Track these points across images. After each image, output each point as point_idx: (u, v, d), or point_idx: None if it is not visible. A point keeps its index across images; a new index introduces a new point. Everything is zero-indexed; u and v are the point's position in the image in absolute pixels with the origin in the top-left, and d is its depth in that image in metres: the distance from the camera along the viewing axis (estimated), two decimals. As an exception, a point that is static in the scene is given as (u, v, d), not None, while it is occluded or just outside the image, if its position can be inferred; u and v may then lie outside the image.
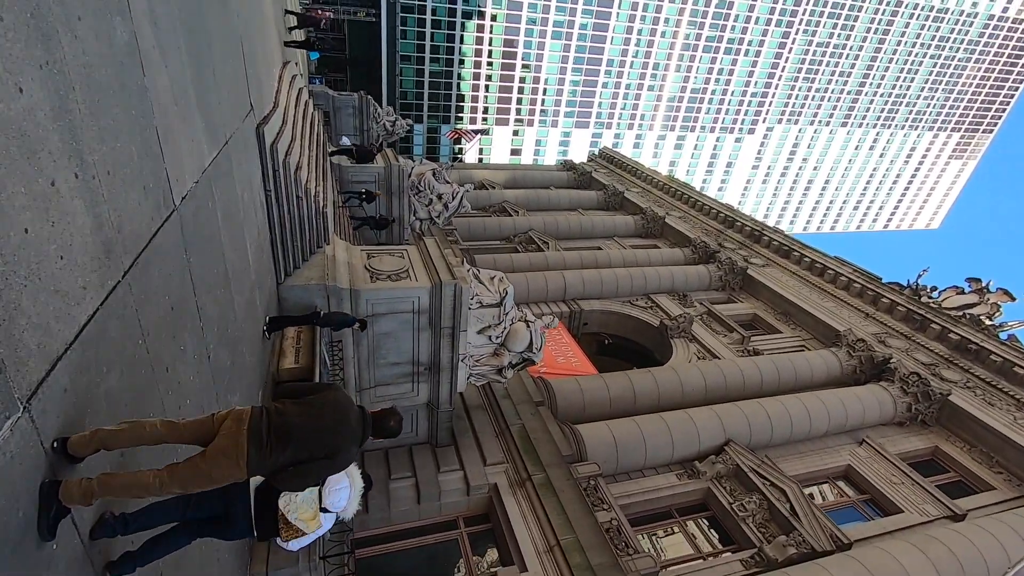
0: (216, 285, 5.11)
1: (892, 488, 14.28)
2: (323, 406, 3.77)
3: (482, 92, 70.71)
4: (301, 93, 14.94)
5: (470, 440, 12.31)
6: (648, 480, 13.47)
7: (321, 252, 10.63)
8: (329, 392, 3.92)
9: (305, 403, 3.75)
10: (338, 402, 3.84)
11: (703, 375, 16.50)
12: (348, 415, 3.86)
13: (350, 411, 3.89)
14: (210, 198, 5.09)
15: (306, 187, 9.98)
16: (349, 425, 3.85)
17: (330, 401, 3.84)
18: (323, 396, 3.86)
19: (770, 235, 26.42)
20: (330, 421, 3.72)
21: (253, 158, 7.57)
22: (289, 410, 3.62)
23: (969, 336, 18.10)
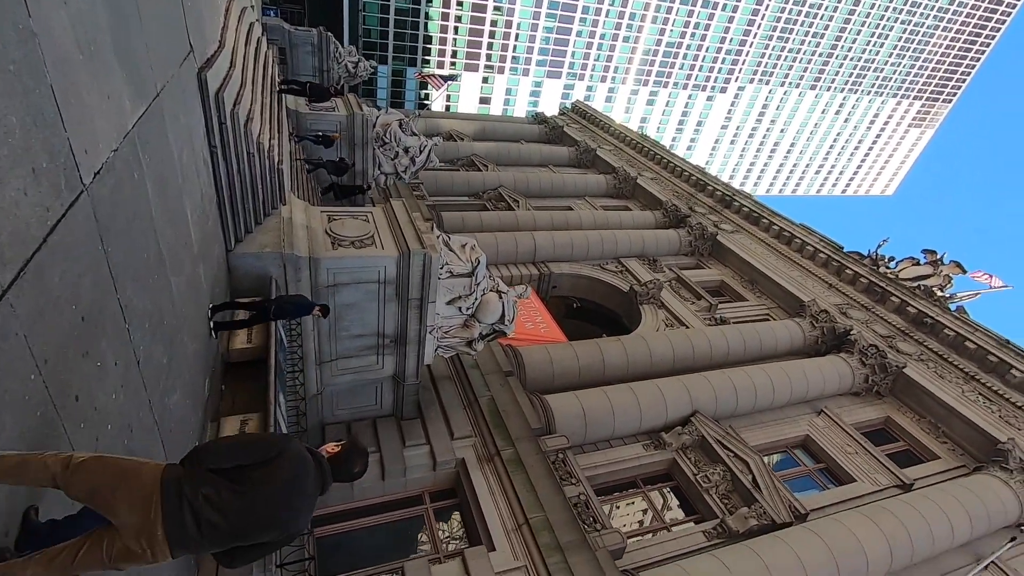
0: (146, 272, 4.30)
1: (847, 458, 14.75)
2: (272, 485, 3.06)
3: (451, 35, 66.98)
4: (253, 28, 13.40)
5: (437, 413, 11.89)
6: (615, 451, 13.46)
7: (276, 214, 9.68)
8: (281, 459, 3.14)
9: (247, 488, 3.00)
10: (293, 471, 3.14)
11: (672, 344, 16.45)
12: (304, 482, 3.21)
13: (306, 476, 3.22)
14: (136, 167, 4.20)
15: (259, 141, 8.92)
16: (306, 494, 3.24)
17: (283, 474, 3.11)
18: (272, 469, 3.09)
19: (740, 201, 26.31)
20: (282, 501, 3.08)
21: (194, 110, 6.53)
22: (224, 502, 2.89)
23: (925, 310, 18.58)
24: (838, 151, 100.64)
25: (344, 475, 3.49)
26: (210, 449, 3.09)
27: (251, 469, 3.06)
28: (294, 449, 3.23)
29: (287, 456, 3.16)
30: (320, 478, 3.33)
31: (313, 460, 3.31)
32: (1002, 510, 13.01)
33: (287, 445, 3.23)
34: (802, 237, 23.20)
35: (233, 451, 3.12)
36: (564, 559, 9.22)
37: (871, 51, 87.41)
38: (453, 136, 32.93)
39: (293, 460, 3.18)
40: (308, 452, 3.32)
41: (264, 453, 3.13)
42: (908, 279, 22.43)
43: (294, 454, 3.20)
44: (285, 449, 3.17)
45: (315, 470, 3.29)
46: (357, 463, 3.52)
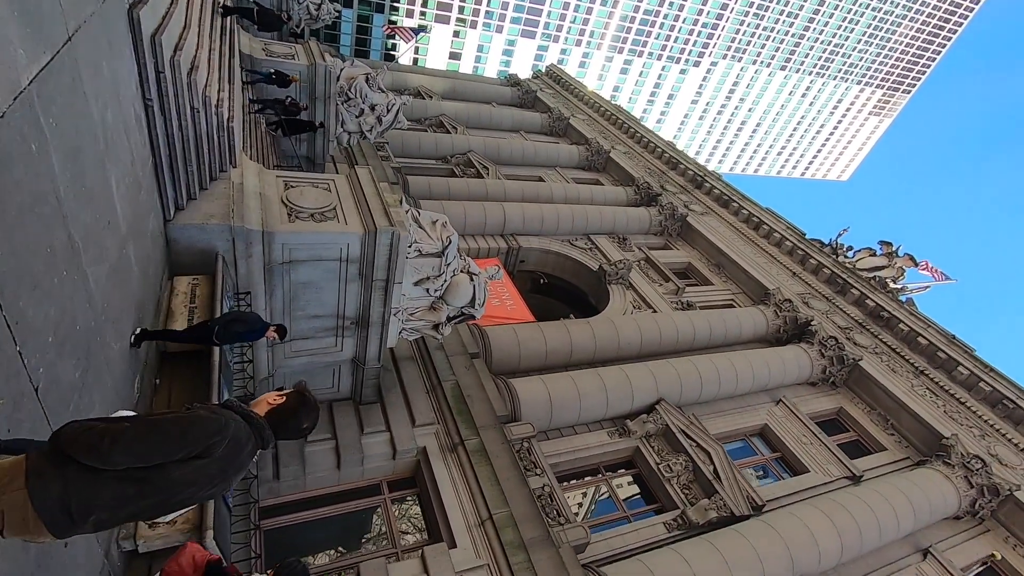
0: (50, 271, 3.40)
1: (801, 448, 15.03)
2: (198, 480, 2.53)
3: (422, -18, 63.15)
4: (202, -42, 11.78)
5: (398, 397, 11.25)
6: (579, 438, 13.22)
7: (225, 178, 8.58)
8: (216, 449, 2.56)
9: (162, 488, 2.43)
10: (227, 458, 2.60)
11: (640, 329, 16.22)
12: (237, 460, 2.69)
13: (240, 452, 2.70)
14: (34, 136, 3.26)
15: (205, 93, 7.77)
16: (238, 469, 2.75)
17: (213, 466, 2.57)
18: (202, 464, 2.53)
19: (712, 182, 26.12)
20: (204, 486, 2.58)
21: (122, 56, 5.42)
22: (126, 503, 2.34)
23: (883, 304, 18.98)
24: (800, 134, 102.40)
25: (288, 433, 2.99)
26: (126, 442, 2.33)
27: (175, 465, 2.45)
28: (232, 432, 2.64)
29: (224, 443, 2.59)
30: (258, 442, 2.83)
31: (250, 428, 2.78)
32: (943, 503, 13.57)
33: (226, 431, 2.61)
34: (770, 223, 23.25)
35: (156, 447, 2.41)
36: (528, 558, 8.92)
37: (841, 36, 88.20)
38: (421, 93, 31.26)
39: (230, 446, 2.63)
40: (245, 419, 2.78)
41: (198, 445, 2.50)
42: (865, 269, 22.94)
43: (232, 439, 2.63)
44: (223, 435, 2.58)
45: (251, 440, 2.78)
46: (305, 418, 3.00)
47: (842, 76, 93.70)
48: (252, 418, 2.83)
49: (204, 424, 2.54)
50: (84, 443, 2.28)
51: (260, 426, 2.84)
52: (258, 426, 2.83)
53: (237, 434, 2.66)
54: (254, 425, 2.81)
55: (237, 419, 2.73)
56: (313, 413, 3.03)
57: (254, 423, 2.82)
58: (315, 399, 3.09)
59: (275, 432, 2.92)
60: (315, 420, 3.06)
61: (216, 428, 2.58)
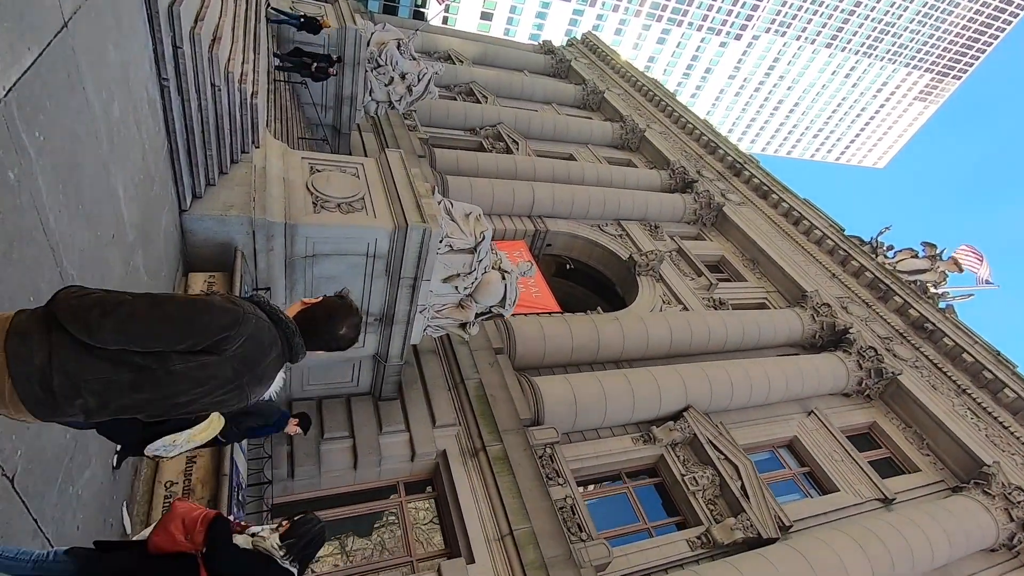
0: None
1: (831, 464, 14.40)
2: (209, 380, 2.11)
3: (457, -65, 60.10)
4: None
5: (419, 394, 10.76)
6: (603, 443, 12.70)
7: (247, 161, 7.90)
8: (229, 344, 2.14)
9: (163, 384, 2.04)
10: (244, 359, 2.16)
11: (671, 328, 15.49)
12: (258, 367, 2.24)
13: (262, 359, 2.25)
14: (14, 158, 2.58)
15: (228, 68, 7.01)
16: (261, 380, 2.29)
17: (227, 367, 2.14)
18: (211, 361, 2.11)
19: (751, 170, 24.84)
20: (217, 393, 2.15)
21: (133, 35, 4.70)
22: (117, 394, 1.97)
23: (927, 315, 17.98)
24: (840, 116, 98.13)
25: (323, 340, 2.49)
26: (119, 317, 1.95)
27: (178, 357, 2.05)
28: (250, 328, 2.19)
29: (239, 340, 2.15)
30: (285, 351, 2.36)
31: (276, 330, 2.32)
32: (980, 535, 12.94)
33: (242, 324, 2.16)
34: (810, 219, 22.09)
35: (154, 330, 2.01)
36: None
37: (893, 14, 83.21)
38: (452, 57, 29.98)
39: (247, 346, 2.18)
40: (270, 318, 2.32)
41: (206, 336, 2.07)
42: (905, 271, 21.83)
43: (251, 337, 2.19)
44: (238, 331, 2.14)
45: (277, 345, 2.32)
46: (343, 321, 2.50)
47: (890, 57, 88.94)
48: (280, 319, 2.34)
49: (217, 313, 2.11)
50: (72, 309, 1.92)
51: (290, 330, 2.34)
52: (288, 330, 2.33)
53: (258, 334, 2.21)
54: (282, 327, 2.32)
55: (260, 316, 2.27)
56: (354, 318, 2.52)
57: (282, 325, 2.32)
58: (353, 302, 2.60)
59: (306, 339, 2.40)
60: (356, 328, 2.54)
61: (231, 320, 2.12)
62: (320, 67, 14.06)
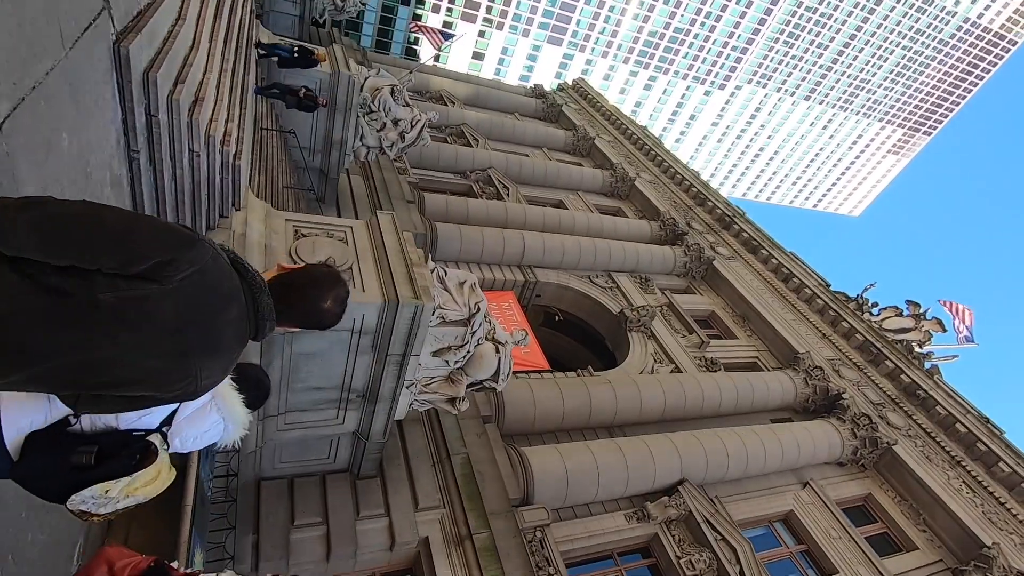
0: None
1: (829, 542, 13.78)
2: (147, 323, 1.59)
3: (452, -23, 61.41)
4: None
5: (401, 471, 9.93)
6: (595, 521, 11.92)
7: (225, 227, 7.24)
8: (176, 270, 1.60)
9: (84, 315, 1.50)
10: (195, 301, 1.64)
11: (664, 392, 14.94)
12: (214, 323, 1.71)
13: (220, 312, 1.73)
14: None
15: (209, 132, 6.42)
16: (218, 348, 1.76)
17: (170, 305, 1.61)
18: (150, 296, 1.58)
19: (740, 224, 24.86)
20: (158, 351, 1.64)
21: (97, 111, 4.09)
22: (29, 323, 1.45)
23: (919, 382, 17.75)
24: (817, 166, 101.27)
25: (300, 310, 2.01)
26: (39, 213, 1.50)
27: (106, 281, 1.51)
28: (204, 258, 1.68)
29: (187, 268, 1.62)
30: (250, 315, 1.83)
31: (242, 282, 1.81)
32: (985, 627, 12.34)
33: (195, 249, 1.66)
34: (799, 276, 22.01)
35: (82, 236, 1.50)
36: None
37: (869, 71, 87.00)
38: (443, 98, 29.91)
39: (197, 279, 1.65)
40: (234, 266, 1.82)
41: (145, 253, 1.55)
42: (890, 330, 21.76)
43: (204, 268, 1.67)
44: (188, 256, 1.63)
45: (240, 303, 1.79)
46: (328, 293, 2.02)
47: (865, 112, 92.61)
48: (248, 271, 1.83)
49: (164, 230, 1.65)
50: None
51: (258, 286, 1.83)
52: (256, 284, 1.83)
53: (215, 273, 1.70)
54: (248, 280, 1.82)
55: (221, 256, 1.78)
56: (341, 290, 2.03)
57: (249, 278, 1.82)
58: (339, 273, 2.10)
59: (280, 310, 1.90)
60: (343, 303, 2.05)
61: (181, 239, 1.64)
62: (309, 94, 13.38)
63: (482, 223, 19.83)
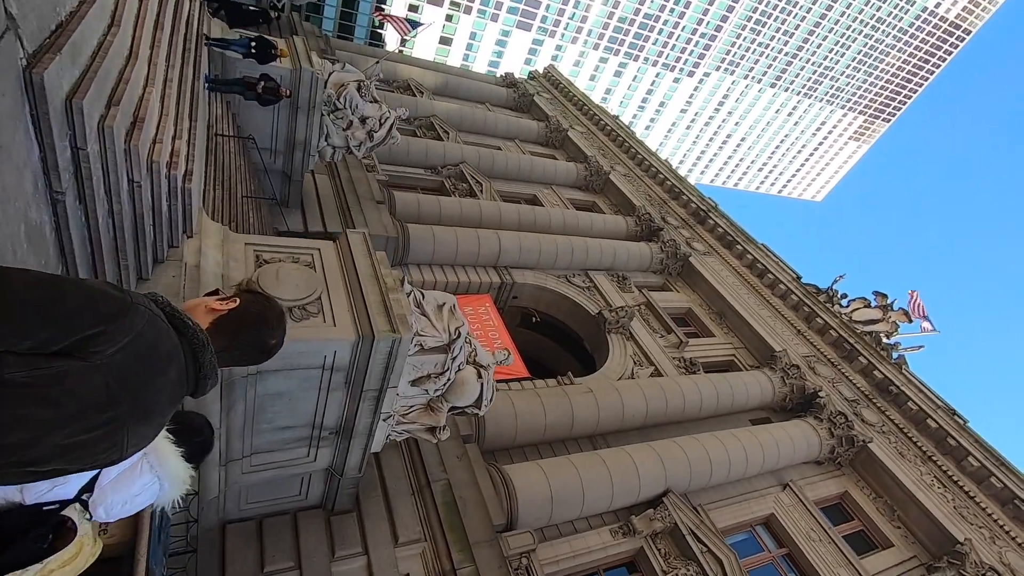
0: None
1: (810, 545, 13.85)
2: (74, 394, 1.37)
3: (418, -42, 59.24)
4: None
5: (378, 504, 9.37)
6: (580, 539, 11.61)
7: (177, 256, 6.47)
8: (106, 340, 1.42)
9: None
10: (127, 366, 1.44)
11: (646, 398, 14.68)
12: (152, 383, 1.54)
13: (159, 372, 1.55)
14: None
15: (152, 157, 5.63)
16: (154, 408, 1.58)
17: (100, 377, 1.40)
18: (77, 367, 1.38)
19: (715, 218, 24.76)
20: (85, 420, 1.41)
21: (11, 150, 3.38)
22: None
23: (891, 378, 17.97)
24: (782, 152, 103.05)
25: (243, 352, 1.89)
26: None
27: (18, 361, 1.29)
28: (139, 324, 1.49)
29: (120, 339, 1.43)
30: (191, 368, 1.68)
31: (180, 340, 1.64)
32: (960, 625, 12.57)
33: (128, 316, 1.46)
34: (774, 272, 22.06)
35: None
36: None
37: (832, 59, 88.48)
38: (412, 88, 28.83)
39: (133, 351, 1.46)
40: (171, 322, 1.64)
41: (69, 328, 1.36)
42: (859, 321, 22.12)
43: (138, 334, 1.47)
44: (120, 325, 1.44)
45: (179, 358, 1.62)
46: (275, 331, 1.92)
47: (828, 99, 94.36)
48: (187, 325, 1.68)
49: (91, 297, 1.44)
50: None
51: (199, 341, 1.69)
52: (197, 340, 1.68)
53: (152, 337, 1.53)
54: (189, 336, 1.67)
55: (157, 314, 1.61)
56: (282, 322, 1.95)
57: (189, 333, 1.67)
58: (274, 302, 2.00)
59: (222, 353, 1.78)
60: (283, 333, 1.96)
61: (113, 309, 1.45)
62: (269, 86, 12.29)
63: (456, 223, 19.14)
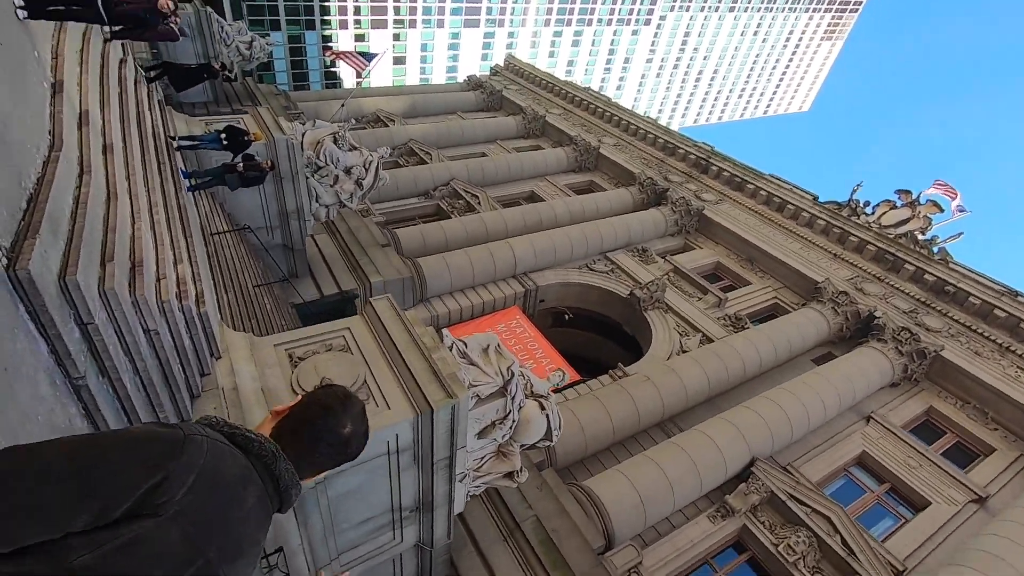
0: None
1: (911, 473, 13.29)
2: None
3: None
4: (107, 54, 9.12)
5: (474, 560, 9.09)
6: (680, 533, 11.24)
7: (211, 387, 6.19)
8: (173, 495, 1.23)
9: None
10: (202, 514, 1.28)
11: (705, 372, 14.21)
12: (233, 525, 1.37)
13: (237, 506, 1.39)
14: None
15: (161, 296, 5.33)
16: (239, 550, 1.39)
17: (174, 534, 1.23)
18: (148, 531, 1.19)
19: (718, 164, 24.01)
20: None
21: (17, 362, 3.08)
22: None
23: (945, 277, 17.23)
24: (758, 72, 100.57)
25: (323, 453, 1.65)
26: None
27: (82, 541, 1.15)
28: (200, 456, 1.33)
29: (184, 481, 1.27)
30: (269, 486, 1.49)
31: (248, 458, 1.47)
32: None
33: (185, 452, 1.30)
34: (792, 201, 21.33)
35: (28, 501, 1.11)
36: None
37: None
38: (382, 119, 28.48)
39: (200, 487, 1.30)
40: (233, 441, 1.47)
41: (123, 490, 1.20)
42: (890, 225, 21.26)
43: (202, 470, 1.32)
44: (178, 465, 1.28)
45: (252, 478, 1.45)
46: (344, 416, 1.67)
47: (789, 6, 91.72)
48: (251, 439, 1.50)
49: (138, 446, 1.29)
50: None
51: (268, 452, 1.51)
52: (265, 452, 1.50)
53: (217, 466, 1.36)
54: (255, 450, 1.49)
55: (215, 437, 1.42)
56: (354, 406, 1.70)
57: (255, 447, 1.49)
58: (344, 389, 1.75)
59: (299, 461, 1.59)
60: (363, 420, 1.72)
61: (166, 449, 1.29)
62: (250, 164, 11.82)
63: (464, 243, 18.77)
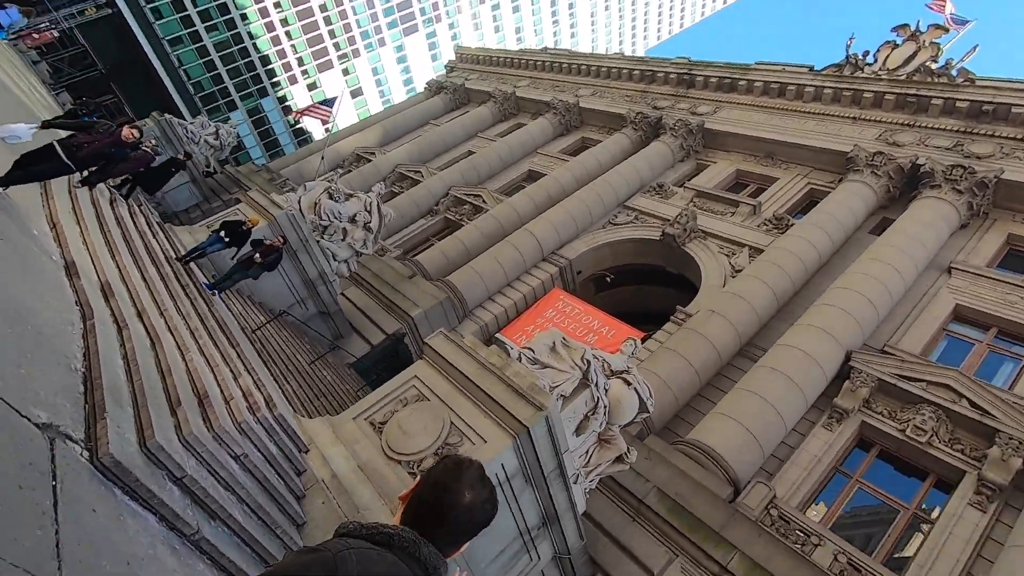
0: None
1: (1012, 308, 12.53)
2: None
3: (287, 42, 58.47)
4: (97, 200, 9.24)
5: (613, 550, 8.99)
6: (802, 452, 10.89)
7: (312, 485, 6.19)
8: None
9: None
10: None
11: (769, 286, 13.70)
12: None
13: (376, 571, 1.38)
14: None
15: (236, 418, 5.33)
16: None
17: None
18: None
19: (701, 73, 23.07)
20: None
21: (135, 551, 3.04)
22: None
23: (979, 98, 16.12)
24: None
25: (454, 528, 1.63)
26: None
27: None
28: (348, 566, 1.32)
29: None
30: (422, 572, 1.50)
31: (394, 554, 1.47)
32: None
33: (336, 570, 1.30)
34: (790, 81, 20.32)
35: None
36: None
37: None
38: (362, 156, 28.44)
39: None
40: (373, 542, 1.47)
41: None
42: (899, 66, 20.03)
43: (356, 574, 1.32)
44: None
45: (403, 571, 1.44)
46: (460, 487, 1.64)
47: None
48: (391, 535, 1.50)
49: None
50: None
51: (409, 541, 1.50)
52: (409, 544, 1.50)
53: (370, 571, 1.36)
54: (398, 543, 1.48)
55: (360, 546, 1.42)
56: (470, 472, 1.66)
57: (397, 541, 1.49)
58: (457, 459, 1.71)
59: (437, 541, 1.57)
60: (483, 483, 1.67)
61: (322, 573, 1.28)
62: (264, 250, 11.75)
63: (484, 246, 18.58)
